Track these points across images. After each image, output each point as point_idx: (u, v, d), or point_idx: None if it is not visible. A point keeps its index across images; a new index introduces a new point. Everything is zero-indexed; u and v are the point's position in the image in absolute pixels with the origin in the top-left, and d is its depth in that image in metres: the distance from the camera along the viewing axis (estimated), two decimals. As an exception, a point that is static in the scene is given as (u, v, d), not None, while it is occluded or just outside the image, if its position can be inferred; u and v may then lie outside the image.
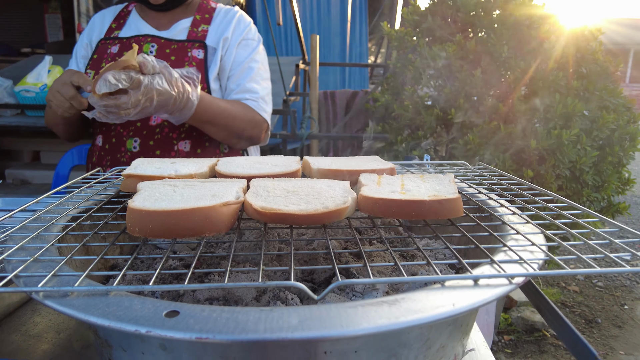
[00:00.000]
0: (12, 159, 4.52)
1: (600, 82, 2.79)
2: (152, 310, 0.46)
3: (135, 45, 1.23)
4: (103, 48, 1.66)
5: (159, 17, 1.70)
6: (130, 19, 1.73)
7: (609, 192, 2.80)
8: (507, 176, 1.03)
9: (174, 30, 1.67)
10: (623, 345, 2.98)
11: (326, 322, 0.44)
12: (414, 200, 0.69)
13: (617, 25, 21.01)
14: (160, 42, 1.61)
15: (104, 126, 1.62)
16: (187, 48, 1.61)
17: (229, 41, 1.67)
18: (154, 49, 1.60)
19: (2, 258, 0.59)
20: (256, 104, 1.64)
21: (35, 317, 0.90)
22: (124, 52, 1.58)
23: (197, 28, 1.66)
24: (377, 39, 10.10)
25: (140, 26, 1.70)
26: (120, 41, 1.64)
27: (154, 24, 1.69)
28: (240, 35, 1.69)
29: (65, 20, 7.67)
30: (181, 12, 1.71)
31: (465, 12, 3.06)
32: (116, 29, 1.71)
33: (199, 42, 1.62)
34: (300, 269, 0.68)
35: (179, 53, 1.60)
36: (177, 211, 0.62)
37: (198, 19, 1.69)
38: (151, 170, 0.90)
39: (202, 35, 1.65)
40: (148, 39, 1.62)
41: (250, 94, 1.64)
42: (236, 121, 1.56)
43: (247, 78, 1.66)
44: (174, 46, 1.61)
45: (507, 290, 0.52)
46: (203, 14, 1.71)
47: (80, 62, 1.72)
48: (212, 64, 1.63)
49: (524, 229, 0.71)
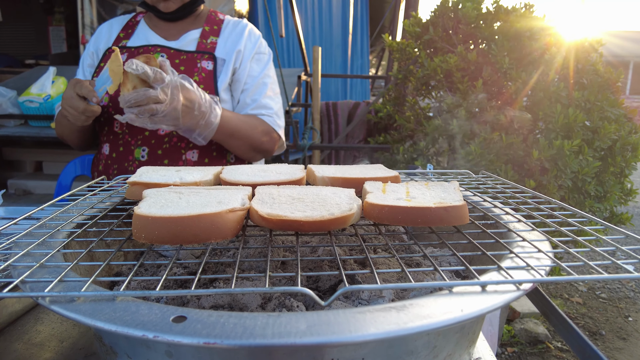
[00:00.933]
0: (14, 169, 4.53)
1: (601, 93, 2.79)
2: (160, 316, 0.46)
3: (116, 48, 1.27)
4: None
5: (168, 27, 1.72)
6: (138, 29, 1.74)
7: (611, 202, 2.79)
8: (510, 184, 1.03)
9: (183, 40, 1.68)
10: (628, 358, 2.95)
11: (334, 327, 0.44)
12: (420, 207, 0.69)
13: (617, 37, 21.15)
14: (170, 52, 1.63)
15: (111, 135, 1.63)
16: (196, 59, 1.63)
17: (242, 54, 1.70)
18: (163, 59, 1.61)
19: (8, 264, 0.59)
20: (272, 120, 1.70)
21: (38, 326, 0.89)
22: None
23: (206, 40, 1.68)
24: (379, 51, 10.17)
25: (149, 36, 1.71)
26: (128, 50, 1.65)
27: (163, 34, 1.70)
28: (253, 49, 1.72)
29: (69, 33, 7.76)
30: (190, 22, 1.73)
31: (467, 23, 3.08)
32: (124, 39, 1.72)
33: (208, 53, 1.65)
34: (306, 275, 0.68)
35: (188, 64, 1.62)
36: (184, 217, 0.62)
37: (207, 31, 1.71)
38: (156, 177, 0.91)
39: (211, 47, 1.67)
40: (157, 49, 1.64)
41: (266, 110, 1.70)
42: (255, 135, 1.63)
43: (262, 94, 1.71)
44: (183, 57, 1.63)
45: (515, 297, 0.52)
46: (212, 26, 1.73)
47: (86, 70, 1.73)
48: (222, 74, 1.65)
49: (529, 236, 0.70)
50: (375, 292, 0.67)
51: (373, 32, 8.62)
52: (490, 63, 2.90)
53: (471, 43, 3.17)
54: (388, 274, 0.76)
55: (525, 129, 2.76)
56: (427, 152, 3.13)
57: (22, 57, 7.33)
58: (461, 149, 2.78)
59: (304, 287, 0.75)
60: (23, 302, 0.92)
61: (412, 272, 0.76)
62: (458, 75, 2.89)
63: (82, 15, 4.86)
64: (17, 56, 7.46)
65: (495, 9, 3.05)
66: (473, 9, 3.04)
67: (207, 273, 0.76)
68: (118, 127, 1.62)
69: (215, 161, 1.66)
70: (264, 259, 0.61)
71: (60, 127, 1.67)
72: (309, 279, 0.76)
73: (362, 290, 0.67)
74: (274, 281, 0.72)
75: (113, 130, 1.63)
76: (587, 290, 3.99)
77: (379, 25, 8.55)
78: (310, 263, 0.80)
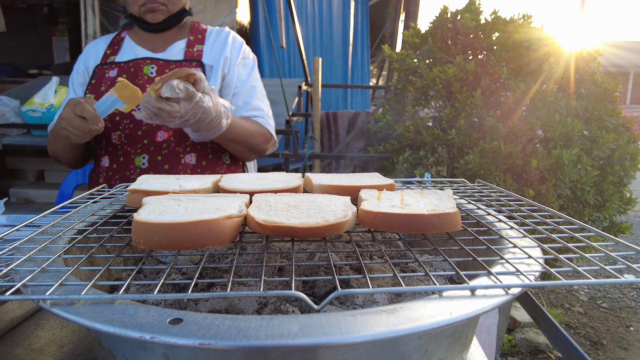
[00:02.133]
0: (16, 178, 4.56)
1: (599, 103, 2.82)
2: (157, 318, 0.47)
3: (122, 79, 1.32)
4: (101, 73, 1.71)
5: (153, 40, 1.76)
6: (124, 45, 1.78)
7: (610, 211, 2.80)
8: (505, 193, 1.05)
9: (170, 51, 1.73)
10: (629, 368, 2.94)
11: (326, 329, 0.45)
12: (413, 214, 0.71)
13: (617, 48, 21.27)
14: (159, 63, 1.68)
15: (110, 147, 1.66)
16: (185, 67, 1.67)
17: (229, 60, 1.76)
18: (154, 70, 1.66)
19: (10, 268, 0.60)
20: (264, 121, 1.78)
21: (39, 331, 0.91)
22: (123, 75, 1.66)
23: (192, 48, 1.74)
24: (379, 61, 10.25)
25: (136, 50, 1.75)
26: (117, 65, 1.70)
27: (149, 47, 1.75)
28: (238, 54, 1.80)
29: (72, 43, 7.85)
30: (174, 34, 1.78)
31: (465, 34, 3.12)
32: (112, 55, 1.76)
33: (196, 61, 1.70)
34: (301, 280, 0.69)
35: None
36: (181, 224, 0.64)
37: (192, 40, 1.77)
38: (156, 185, 0.92)
39: (197, 55, 1.72)
40: (147, 61, 1.68)
41: (258, 112, 1.78)
42: (253, 138, 1.70)
43: (253, 97, 1.78)
44: (172, 66, 1.67)
45: (503, 301, 0.53)
46: (196, 35, 1.79)
47: (78, 89, 1.77)
48: (211, 80, 1.71)
49: (521, 243, 0.72)
50: (369, 297, 0.68)
51: (374, 43, 8.70)
52: (488, 73, 2.92)
53: (470, 53, 3.20)
54: (383, 280, 0.78)
55: (524, 138, 2.78)
56: (426, 162, 3.15)
57: (26, 67, 7.40)
58: (460, 158, 2.80)
59: (300, 292, 0.76)
60: (24, 308, 0.93)
61: (407, 277, 0.77)
62: (457, 85, 2.91)
63: (86, 26, 4.92)
64: (20, 66, 7.54)
65: (493, 20, 3.08)
66: (471, 20, 3.08)
67: (204, 278, 0.77)
68: (116, 138, 1.65)
69: (212, 162, 1.71)
70: (260, 265, 0.62)
71: (53, 146, 1.70)
72: (306, 285, 0.78)
73: (357, 296, 0.69)
74: (270, 286, 0.73)
75: (112, 143, 1.66)
76: (588, 300, 3.98)
77: (379, 35, 8.64)
78: (307, 269, 0.81)
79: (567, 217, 0.83)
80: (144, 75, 1.66)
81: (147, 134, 1.63)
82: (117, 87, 1.33)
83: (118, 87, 1.32)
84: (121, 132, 1.64)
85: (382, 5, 8.52)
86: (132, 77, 1.66)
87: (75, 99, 1.41)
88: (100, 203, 1.00)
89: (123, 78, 1.36)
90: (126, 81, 1.32)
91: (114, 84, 1.61)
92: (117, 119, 1.65)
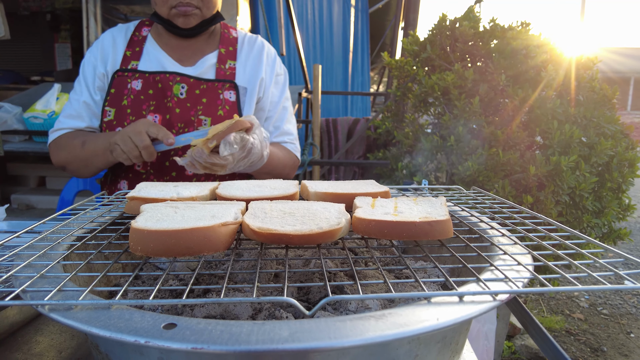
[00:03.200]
0: (18, 184, 4.58)
1: (597, 110, 2.83)
2: (151, 323, 0.49)
3: (237, 117, 1.24)
4: (122, 82, 1.55)
5: (181, 47, 1.61)
6: (147, 47, 1.61)
7: (609, 218, 2.81)
8: (499, 200, 1.06)
9: (200, 67, 1.59)
10: (629, 375, 2.93)
11: (316, 334, 0.47)
12: (405, 221, 0.72)
13: (618, 54, 21.33)
14: (189, 81, 1.55)
15: (130, 173, 1.57)
16: (217, 89, 1.57)
17: (265, 82, 1.66)
18: (184, 90, 1.54)
19: (10, 274, 0.62)
20: (294, 146, 1.73)
21: (38, 337, 0.92)
22: (149, 90, 1.53)
23: (224, 65, 1.61)
24: (380, 68, 10.29)
25: (161, 58, 1.59)
26: (142, 76, 1.55)
27: (176, 56, 1.60)
28: (272, 72, 1.69)
29: (74, 50, 7.90)
30: (204, 42, 1.64)
31: (464, 42, 3.14)
32: (132, 58, 1.59)
33: (229, 82, 1.58)
34: (296, 286, 0.71)
35: (210, 94, 1.56)
36: (178, 231, 0.65)
37: (223, 53, 1.62)
38: (154, 193, 0.94)
39: (230, 74, 1.60)
40: (177, 78, 1.54)
41: (288, 137, 1.73)
42: (285, 168, 1.66)
43: (284, 120, 1.72)
44: (203, 86, 1.56)
45: (491, 307, 0.54)
46: (227, 47, 1.65)
47: (96, 94, 1.59)
48: (246, 105, 1.61)
49: (512, 250, 0.73)
50: (362, 304, 0.70)
51: (374, 50, 8.75)
52: (487, 80, 2.94)
53: (468, 61, 3.22)
54: (377, 286, 0.79)
55: (523, 145, 2.80)
56: (425, 168, 3.16)
57: (28, 74, 7.45)
58: (459, 164, 2.81)
59: (295, 299, 0.77)
60: (24, 314, 0.95)
61: (400, 283, 0.78)
62: (455, 92, 2.94)
63: (88, 33, 4.97)
64: (23, 72, 7.59)
65: (491, 28, 3.11)
66: (470, 28, 3.10)
67: (200, 285, 0.79)
68: (140, 166, 1.55)
69: None
70: (254, 271, 0.64)
71: (67, 156, 1.55)
72: (300, 291, 0.79)
73: (350, 302, 0.70)
74: (264, 292, 0.74)
75: (134, 169, 1.56)
76: (589, 307, 3.98)
77: (380, 42, 8.68)
78: (302, 276, 0.82)
79: (559, 224, 0.84)
80: (173, 97, 1.53)
81: (175, 165, 1.53)
82: (223, 123, 1.21)
83: (224, 123, 1.21)
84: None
85: (382, 13, 8.58)
86: (159, 96, 1.54)
87: (149, 121, 1.33)
88: (100, 210, 1.01)
89: (239, 118, 1.23)
90: (241, 120, 1.21)
91: (139, 99, 1.52)
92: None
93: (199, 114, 1.53)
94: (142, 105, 1.53)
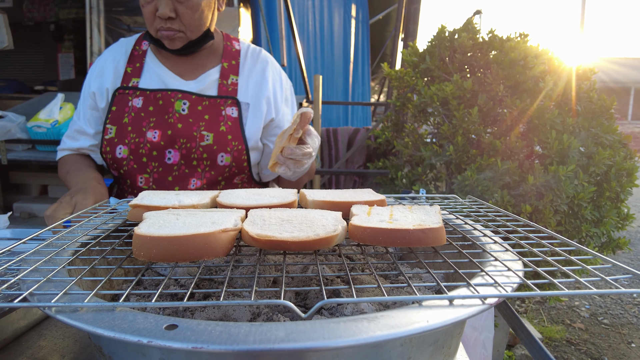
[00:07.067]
0: (20, 192, 4.61)
1: (595, 120, 2.86)
2: (154, 324, 0.51)
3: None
4: (123, 99, 1.57)
5: (180, 62, 1.62)
6: (147, 62, 1.62)
7: (607, 227, 2.82)
8: (494, 208, 1.08)
9: (202, 82, 1.59)
10: (629, 385, 2.93)
11: (310, 334, 0.49)
12: (399, 229, 0.74)
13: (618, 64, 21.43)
14: (192, 98, 1.55)
15: (135, 189, 1.58)
16: (219, 105, 1.57)
17: (274, 100, 1.66)
18: (186, 107, 1.55)
19: (17, 278, 0.64)
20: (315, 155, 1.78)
21: (41, 341, 0.94)
22: (150, 107, 1.54)
23: (226, 80, 1.61)
24: (380, 79, 10.36)
25: (162, 74, 1.59)
26: (143, 94, 1.56)
27: (177, 71, 1.61)
28: (281, 90, 1.71)
29: (78, 60, 7.99)
30: (204, 56, 1.64)
31: (462, 52, 3.18)
32: (133, 75, 1.60)
33: (231, 98, 1.59)
34: (294, 291, 0.73)
35: (212, 111, 1.56)
36: (179, 237, 0.67)
37: (226, 67, 1.62)
38: (157, 200, 0.96)
39: (232, 90, 1.60)
40: (179, 95, 1.54)
41: None
42: (309, 175, 1.70)
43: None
44: (205, 102, 1.56)
45: (480, 310, 0.56)
46: (230, 60, 1.65)
47: (86, 112, 1.63)
48: (249, 121, 1.61)
49: (503, 256, 0.75)
50: (357, 308, 0.72)
51: (375, 60, 8.81)
52: (485, 91, 2.98)
53: (467, 71, 3.26)
54: (372, 291, 0.81)
55: (521, 154, 2.82)
56: (425, 178, 3.19)
57: (32, 83, 7.52)
58: (458, 174, 2.84)
59: (293, 304, 0.79)
60: (28, 319, 0.97)
61: (394, 288, 0.80)
62: (454, 102, 2.97)
63: (91, 44, 5.02)
64: (26, 82, 7.66)
65: (490, 39, 3.15)
66: (469, 39, 3.14)
67: (200, 289, 0.81)
68: (143, 182, 1.56)
69: None
70: (253, 276, 0.66)
71: (62, 178, 1.65)
72: (298, 296, 0.81)
73: (345, 307, 0.72)
74: (262, 297, 0.76)
75: (137, 186, 1.56)
76: (590, 316, 3.97)
77: (380, 52, 8.75)
78: (300, 281, 0.85)
79: (551, 232, 0.86)
80: (175, 113, 1.53)
81: (178, 180, 1.55)
82: (296, 121, 1.20)
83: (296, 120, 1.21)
84: (149, 176, 1.55)
85: (382, 24, 8.66)
86: (161, 112, 1.54)
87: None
88: (103, 217, 1.04)
89: (304, 109, 1.22)
90: (308, 112, 1.19)
91: (139, 116, 1.53)
92: (144, 160, 1.54)
93: (201, 129, 1.54)
94: (143, 122, 1.54)
